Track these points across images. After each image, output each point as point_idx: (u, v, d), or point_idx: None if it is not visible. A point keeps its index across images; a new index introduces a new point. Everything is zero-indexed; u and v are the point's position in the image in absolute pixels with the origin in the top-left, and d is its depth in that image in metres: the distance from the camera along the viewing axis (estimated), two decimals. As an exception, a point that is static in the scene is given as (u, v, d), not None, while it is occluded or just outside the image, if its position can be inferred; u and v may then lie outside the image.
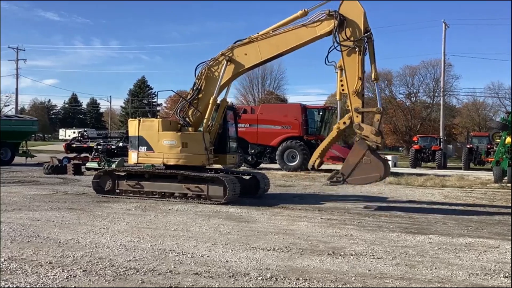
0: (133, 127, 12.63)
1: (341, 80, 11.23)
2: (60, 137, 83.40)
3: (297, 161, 25.80)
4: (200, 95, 12.59)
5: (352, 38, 10.93)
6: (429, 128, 58.62)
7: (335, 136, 11.64)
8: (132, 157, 12.68)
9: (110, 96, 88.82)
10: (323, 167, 27.33)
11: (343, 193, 15.43)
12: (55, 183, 16.52)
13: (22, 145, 30.06)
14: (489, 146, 32.94)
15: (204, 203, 11.65)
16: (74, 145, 30.96)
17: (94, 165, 23.10)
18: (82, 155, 28.15)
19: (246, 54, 12.31)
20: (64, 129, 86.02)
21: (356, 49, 10.89)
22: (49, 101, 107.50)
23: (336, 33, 11.05)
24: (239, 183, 12.31)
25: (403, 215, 10.88)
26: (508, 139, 21.70)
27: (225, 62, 12.34)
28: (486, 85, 79.91)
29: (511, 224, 9.69)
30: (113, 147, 28.95)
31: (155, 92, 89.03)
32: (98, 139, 32.07)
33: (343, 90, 11.18)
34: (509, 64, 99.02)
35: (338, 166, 29.29)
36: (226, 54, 12.39)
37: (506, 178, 20.89)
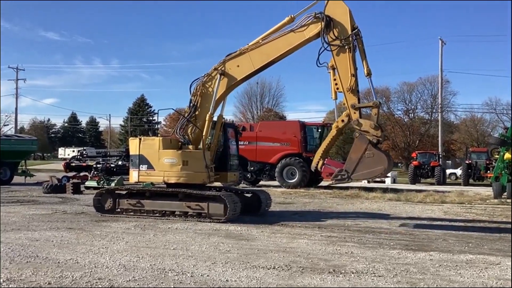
0: (134, 145, 12.63)
1: (334, 79, 11.36)
2: (59, 156, 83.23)
3: (296, 178, 25.79)
4: (197, 112, 12.62)
5: (340, 37, 11.05)
6: (427, 144, 58.74)
7: (335, 135, 11.58)
8: (133, 176, 12.64)
9: (110, 115, 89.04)
10: (322, 184, 27.43)
11: (342, 210, 15.39)
12: (54, 203, 16.47)
13: (21, 164, 30.02)
14: (488, 162, 32.96)
15: (204, 221, 11.60)
16: (73, 164, 30.87)
17: (93, 184, 23.09)
18: (81, 174, 28.09)
19: (238, 66, 12.38)
20: (63, 148, 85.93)
21: (346, 47, 10.99)
22: (48, 120, 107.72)
23: (324, 34, 11.19)
24: (240, 201, 12.26)
25: (403, 231, 10.85)
26: (507, 155, 21.72)
27: (219, 76, 12.40)
28: (483, 101, 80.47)
29: (511, 240, 9.66)
30: (112, 165, 28.89)
31: (154, 110, 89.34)
32: (97, 157, 31.97)
33: (337, 88, 11.29)
34: (506, 79, 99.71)
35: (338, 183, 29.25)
36: (219, 68, 12.46)
37: (505, 193, 20.87)
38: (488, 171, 31.34)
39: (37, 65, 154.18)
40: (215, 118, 12.80)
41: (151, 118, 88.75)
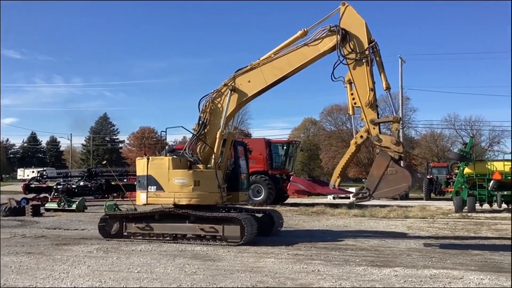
0: (142, 165, 12.06)
1: (351, 94, 10.94)
2: (18, 177, 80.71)
3: (262, 196, 25.79)
4: (206, 130, 12.19)
5: (357, 50, 10.74)
6: (390, 159, 59.81)
7: (354, 152, 11.09)
8: (141, 198, 12.04)
9: (71, 134, 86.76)
10: (288, 201, 27.51)
11: (309, 227, 15.44)
12: (12, 226, 15.87)
13: (-22, 186, 28.99)
14: (448, 177, 33.82)
15: (220, 245, 11.04)
16: (33, 185, 30.15)
17: (53, 205, 22.52)
18: (41, 195, 27.40)
19: (249, 81, 11.98)
20: (22, 169, 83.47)
21: (363, 61, 10.66)
22: (7, 140, 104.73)
23: (340, 47, 10.85)
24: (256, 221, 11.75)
25: (368, 247, 10.94)
26: (466, 170, 22.38)
27: (229, 92, 11.99)
28: (442, 117, 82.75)
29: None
30: (73, 186, 28.35)
31: (118, 129, 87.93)
32: (58, 178, 31.33)
33: (355, 103, 10.90)
34: (464, 96, 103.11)
35: (304, 200, 29.41)
36: (229, 84, 12.05)
37: (466, 207, 21.43)
38: (449, 186, 32.13)
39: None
40: (225, 136, 12.35)
41: (114, 138, 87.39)
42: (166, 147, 14.04)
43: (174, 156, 12.10)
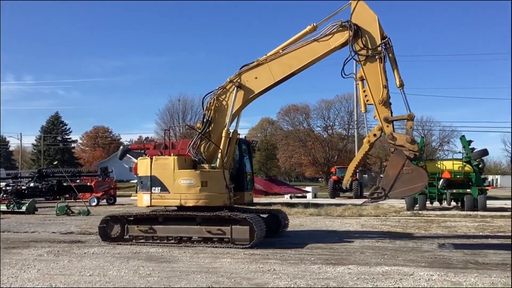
0: (144, 166, 11.62)
1: (364, 91, 10.68)
2: (-36, 179, 77.43)
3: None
4: (210, 128, 11.81)
5: (369, 46, 10.49)
6: (345, 159, 60.93)
7: (367, 150, 10.92)
8: (144, 199, 11.58)
9: (21, 134, 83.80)
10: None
11: (265, 227, 15.47)
12: (-43, 230, 15.21)
13: None
14: (400, 175, 34.63)
15: (227, 247, 10.72)
16: (-20, 187, 29.01)
17: (2, 207, 21.79)
18: (-11, 197, 26.40)
19: (256, 78, 11.61)
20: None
21: (376, 57, 10.41)
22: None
23: (352, 43, 10.57)
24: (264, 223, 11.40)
25: (323, 246, 11.09)
26: (417, 169, 23.02)
27: (235, 89, 11.64)
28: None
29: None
30: (23, 187, 27.57)
31: (70, 128, 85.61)
32: (7, 179, 30.39)
33: (367, 101, 10.62)
34: (414, 97, 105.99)
35: (262, 200, 29.55)
36: (235, 80, 11.68)
37: (417, 205, 22.08)
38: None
39: None
40: (230, 134, 11.94)
41: (67, 137, 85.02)
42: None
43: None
